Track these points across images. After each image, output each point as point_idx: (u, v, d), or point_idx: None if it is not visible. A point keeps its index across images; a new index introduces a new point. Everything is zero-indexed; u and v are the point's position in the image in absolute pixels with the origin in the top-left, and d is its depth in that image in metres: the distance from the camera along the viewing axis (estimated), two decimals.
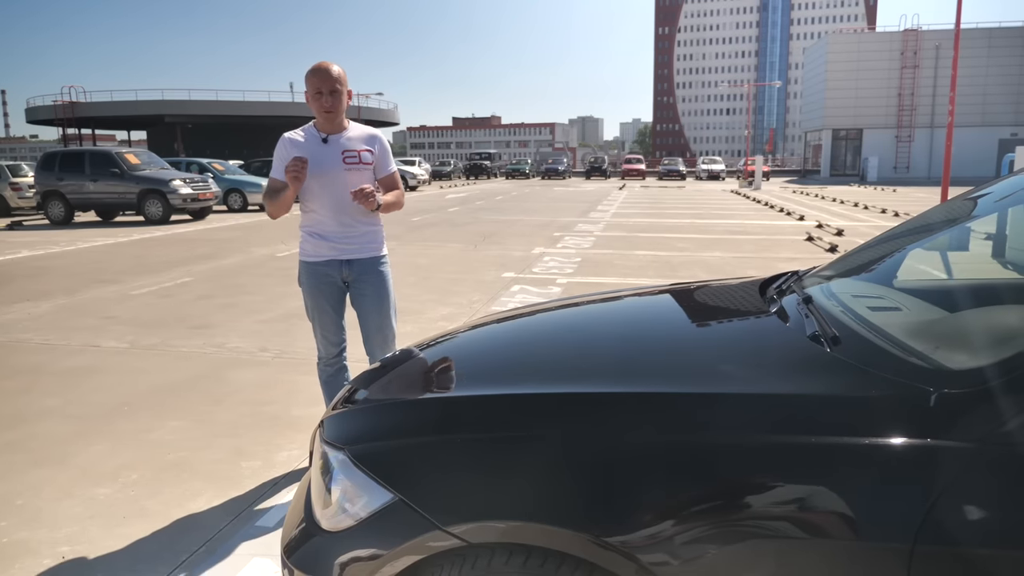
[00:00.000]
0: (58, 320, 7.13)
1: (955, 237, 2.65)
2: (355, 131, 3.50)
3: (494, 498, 1.58)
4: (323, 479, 1.83)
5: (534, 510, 1.53)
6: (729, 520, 1.43)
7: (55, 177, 18.11)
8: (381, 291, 3.56)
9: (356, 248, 3.49)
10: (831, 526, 1.40)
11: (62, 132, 52.87)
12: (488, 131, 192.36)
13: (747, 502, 1.45)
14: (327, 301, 3.53)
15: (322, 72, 3.30)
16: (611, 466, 1.53)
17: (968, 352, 1.73)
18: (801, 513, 1.42)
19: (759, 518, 1.43)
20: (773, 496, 1.46)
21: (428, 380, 2.20)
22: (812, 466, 1.44)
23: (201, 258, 11.49)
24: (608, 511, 1.48)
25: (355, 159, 3.41)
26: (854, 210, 21.55)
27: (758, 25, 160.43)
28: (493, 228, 16.22)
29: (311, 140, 3.43)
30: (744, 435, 1.52)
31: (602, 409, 1.69)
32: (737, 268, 10.23)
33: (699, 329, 2.39)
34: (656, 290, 2.98)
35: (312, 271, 3.50)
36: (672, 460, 1.52)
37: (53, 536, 3.06)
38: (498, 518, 1.56)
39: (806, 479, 1.44)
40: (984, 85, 45.70)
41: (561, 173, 51.97)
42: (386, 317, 3.59)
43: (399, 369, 2.34)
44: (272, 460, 3.82)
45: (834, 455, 1.44)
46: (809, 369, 1.75)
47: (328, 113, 3.35)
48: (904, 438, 1.42)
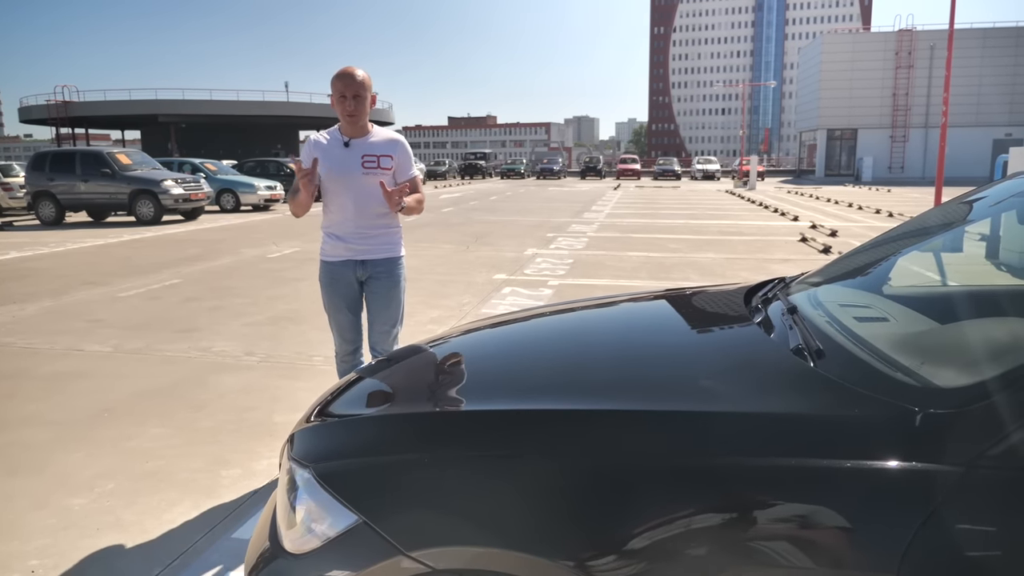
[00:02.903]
0: (43, 323, 7.04)
1: (949, 241, 2.59)
2: (377, 136, 3.58)
3: (463, 522, 1.51)
4: (288, 498, 1.77)
5: (507, 536, 1.46)
6: (709, 548, 1.37)
7: (46, 177, 17.98)
8: (392, 291, 3.65)
9: (371, 249, 3.59)
10: (810, 556, 1.34)
11: (55, 132, 52.62)
12: (484, 131, 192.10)
13: (724, 529, 1.38)
14: (342, 300, 3.63)
15: (347, 77, 3.38)
16: (591, 489, 1.46)
17: (957, 368, 1.67)
18: (779, 543, 1.36)
19: (737, 546, 1.37)
20: (750, 523, 1.39)
21: (400, 393, 2.14)
22: (790, 491, 1.38)
23: (191, 259, 11.39)
24: (590, 538, 1.41)
25: (374, 163, 3.49)
26: (848, 211, 21.53)
27: (753, 25, 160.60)
28: (486, 228, 16.15)
29: (334, 143, 3.52)
30: (719, 458, 1.45)
31: (580, 428, 1.62)
32: (729, 269, 10.18)
33: (680, 342, 2.32)
34: (644, 296, 2.92)
35: (329, 270, 3.63)
36: (652, 485, 1.45)
37: (24, 549, 2.98)
38: (467, 543, 1.49)
39: (784, 505, 1.38)
40: (978, 85, 45.77)
41: (556, 173, 51.94)
42: (393, 317, 3.68)
43: (374, 379, 2.27)
44: (252, 469, 3.74)
45: (814, 480, 1.37)
46: (790, 386, 1.68)
47: (351, 117, 3.43)
48: (886, 461, 1.36)
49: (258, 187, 21.97)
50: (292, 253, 11.88)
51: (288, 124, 56.87)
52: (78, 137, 55.44)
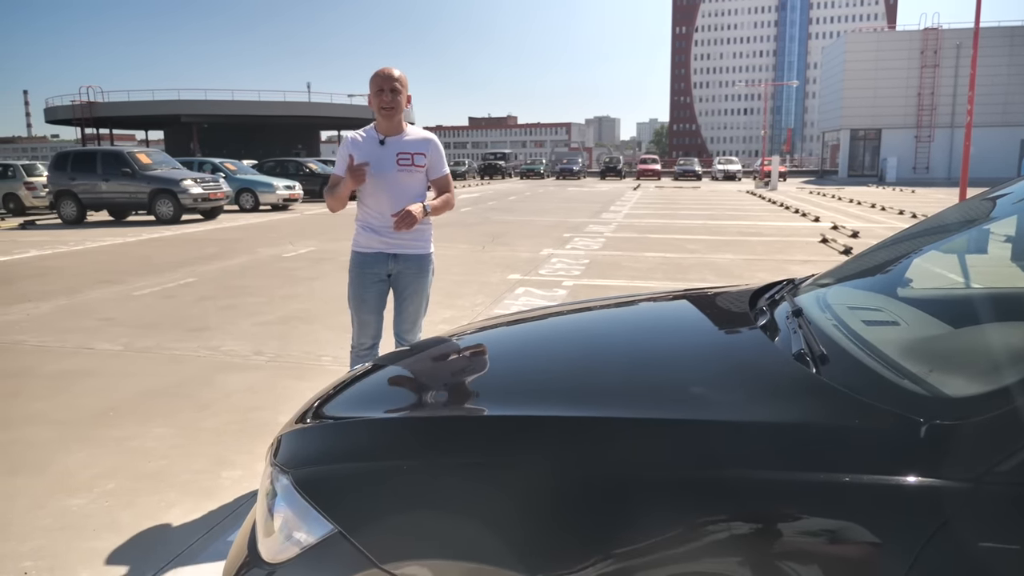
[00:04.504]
0: (56, 321, 7.06)
1: (971, 240, 2.47)
2: (412, 134, 3.69)
3: (442, 535, 1.44)
4: (267, 504, 1.70)
5: (490, 551, 1.37)
6: (707, 564, 1.28)
7: (67, 177, 18.17)
8: (421, 286, 3.79)
9: (404, 244, 3.70)
10: (809, 574, 1.25)
11: (80, 132, 53.23)
12: (504, 131, 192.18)
13: (723, 545, 1.29)
14: (367, 292, 3.74)
15: (384, 73, 3.55)
16: (583, 501, 1.37)
17: (967, 376, 1.57)
18: (776, 561, 1.26)
19: (735, 563, 1.27)
20: (748, 539, 1.29)
21: (390, 396, 2.07)
22: (788, 506, 1.29)
23: (207, 258, 11.43)
24: (579, 554, 1.32)
25: (408, 161, 3.61)
26: (871, 211, 21.23)
27: (776, 24, 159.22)
28: (503, 229, 16.08)
29: (369, 141, 3.65)
30: (712, 471, 1.36)
31: (573, 436, 1.53)
32: (747, 271, 10.04)
33: (682, 345, 2.22)
34: (652, 297, 2.83)
35: (360, 260, 3.74)
36: (644, 498, 1.35)
37: (18, 550, 2.95)
38: (445, 557, 1.42)
39: (781, 522, 1.29)
40: (1005, 84, 45.05)
41: (576, 173, 51.79)
42: (419, 310, 3.84)
43: (365, 381, 2.21)
44: (254, 470, 3.69)
45: (812, 494, 1.28)
46: (790, 394, 1.59)
47: (387, 110, 3.54)
48: (889, 476, 1.26)
49: (277, 187, 22.06)
50: (308, 253, 11.87)
51: (309, 124, 57.13)
52: (103, 137, 56.01)
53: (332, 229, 15.18)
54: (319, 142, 68.36)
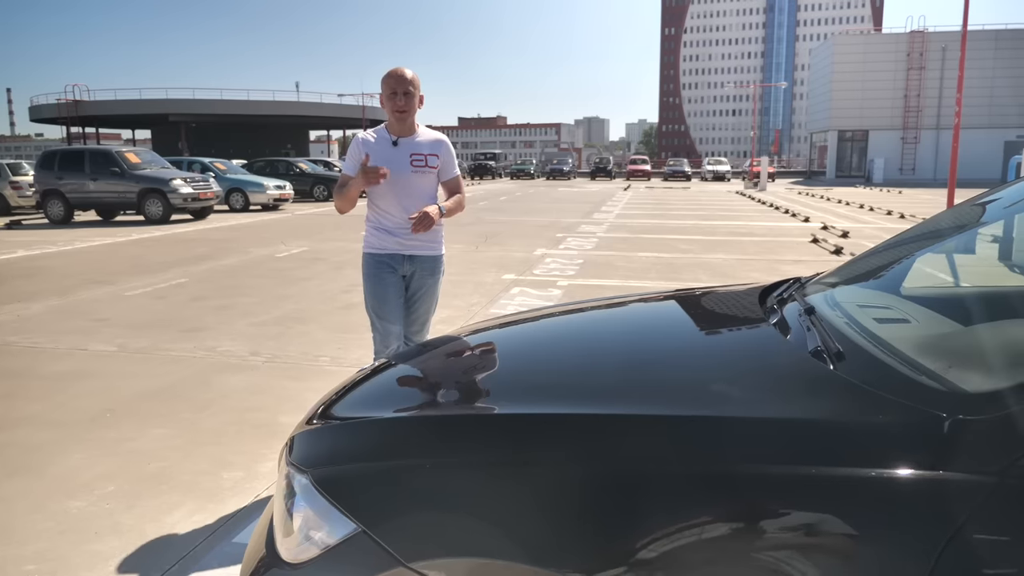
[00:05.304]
0: (48, 322, 7.01)
1: (963, 243, 2.51)
2: (424, 136, 3.68)
3: (467, 532, 1.43)
4: (285, 504, 1.69)
5: (513, 547, 1.37)
6: (726, 560, 1.28)
7: (54, 176, 17.99)
8: (434, 287, 3.80)
9: (419, 245, 3.68)
10: (832, 571, 1.25)
11: (66, 131, 52.82)
12: (494, 131, 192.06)
13: (741, 541, 1.30)
14: (388, 290, 3.69)
15: (397, 74, 3.52)
16: (604, 498, 1.38)
17: (985, 372, 1.58)
18: (799, 556, 1.27)
19: (754, 559, 1.28)
20: (768, 535, 1.30)
21: (404, 395, 2.07)
22: (811, 501, 1.29)
23: (198, 259, 11.36)
24: (601, 549, 1.32)
25: (422, 163, 3.60)
26: (860, 212, 21.36)
27: (764, 26, 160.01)
28: (495, 229, 16.08)
29: (382, 142, 3.62)
30: (735, 466, 1.37)
31: (593, 434, 1.54)
32: (740, 270, 10.08)
33: (693, 343, 2.23)
34: (656, 297, 2.84)
35: (375, 261, 3.69)
36: (665, 494, 1.36)
37: (20, 553, 2.92)
38: (471, 554, 1.42)
39: (804, 516, 1.29)
40: (991, 87, 45.40)
41: (566, 174, 51.85)
42: (430, 310, 3.85)
43: (376, 381, 2.20)
44: (255, 471, 3.68)
45: (836, 489, 1.29)
46: (809, 390, 1.60)
47: (400, 113, 3.52)
48: (913, 470, 1.27)
49: (267, 186, 21.94)
50: (300, 253, 11.82)
51: (298, 124, 57.03)
52: (89, 136, 55.68)
53: (324, 229, 15.14)
54: (308, 142, 68.17)
